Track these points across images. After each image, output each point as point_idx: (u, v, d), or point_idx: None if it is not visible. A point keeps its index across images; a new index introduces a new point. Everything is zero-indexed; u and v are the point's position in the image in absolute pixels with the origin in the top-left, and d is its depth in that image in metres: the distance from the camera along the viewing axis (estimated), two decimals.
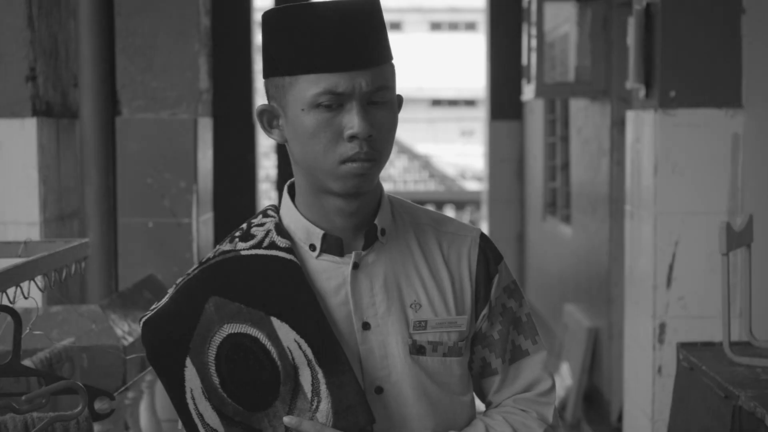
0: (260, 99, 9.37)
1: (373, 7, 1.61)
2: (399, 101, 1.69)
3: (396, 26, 31.02)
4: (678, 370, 2.75)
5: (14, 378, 2.35)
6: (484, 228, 9.17)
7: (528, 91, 6.64)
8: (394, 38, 1.79)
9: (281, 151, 8.80)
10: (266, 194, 12.72)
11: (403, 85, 1.73)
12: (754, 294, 2.97)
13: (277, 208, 1.73)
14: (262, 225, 1.70)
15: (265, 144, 12.10)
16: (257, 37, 8.15)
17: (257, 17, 8.31)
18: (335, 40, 1.56)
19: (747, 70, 3.56)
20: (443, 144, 26.48)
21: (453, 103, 30.68)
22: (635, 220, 3.83)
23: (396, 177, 19.92)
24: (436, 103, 30.65)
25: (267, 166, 13.46)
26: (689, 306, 3.57)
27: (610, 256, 5.66)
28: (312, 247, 1.67)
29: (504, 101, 8.97)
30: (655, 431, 3.57)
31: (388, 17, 1.74)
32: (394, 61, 1.67)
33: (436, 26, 32.76)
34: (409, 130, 23.78)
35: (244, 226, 1.72)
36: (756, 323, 3.02)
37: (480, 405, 1.79)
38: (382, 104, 1.61)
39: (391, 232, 1.70)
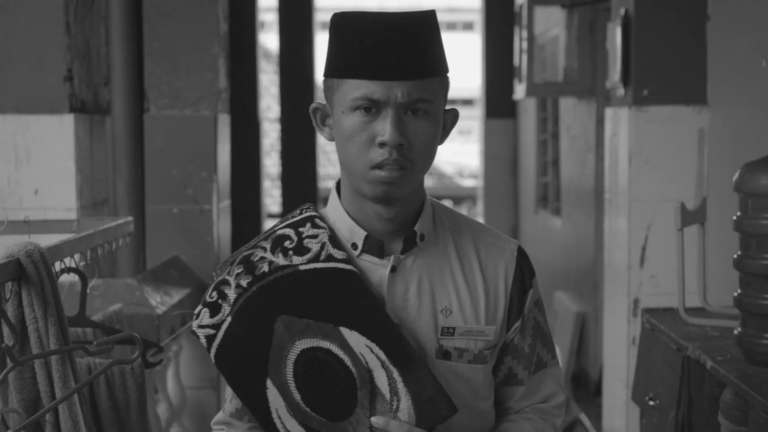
0: (264, 99, 9.60)
1: (425, 22, 1.63)
2: (453, 116, 1.71)
3: None
4: (642, 332, 3.12)
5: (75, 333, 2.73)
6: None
7: (519, 91, 6.81)
8: None
9: (284, 150, 9.10)
10: (268, 192, 12.90)
11: None
12: (714, 268, 3.34)
13: (317, 211, 1.72)
14: (315, 237, 1.68)
15: (266, 143, 12.38)
16: (262, 40, 8.43)
17: (261, 19, 8.58)
18: (378, 50, 1.58)
19: (711, 71, 3.78)
20: None
21: (451, 102, 30.84)
22: (613, 207, 4.09)
23: None
24: None
25: (267, 164, 13.62)
26: (660, 283, 3.79)
27: (595, 246, 5.86)
28: (354, 246, 1.68)
29: (498, 100, 9.03)
30: (630, 396, 3.91)
31: None
32: (447, 75, 1.68)
33: None
34: None
35: (292, 234, 1.69)
36: (714, 294, 3.40)
37: None
38: (422, 115, 1.61)
39: (431, 238, 1.71)
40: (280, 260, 1.67)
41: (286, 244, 1.68)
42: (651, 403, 2.89)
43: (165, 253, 4.03)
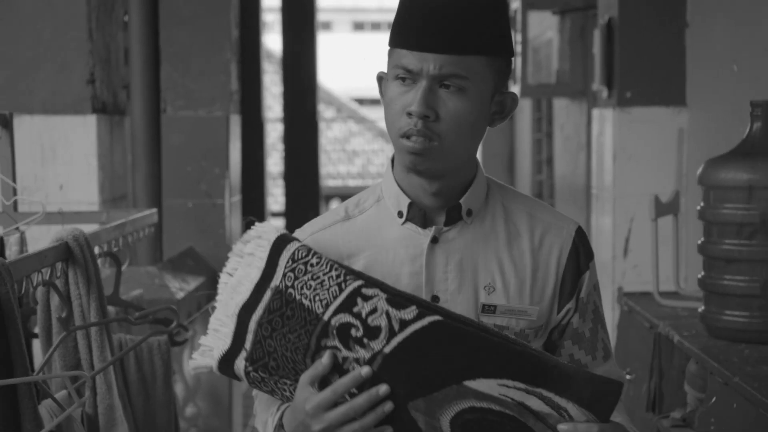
0: (268, 100, 9.78)
1: (482, 1, 1.59)
2: (512, 99, 1.66)
3: None
4: (621, 314, 3.40)
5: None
6: None
7: (514, 92, 7.10)
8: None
9: (287, 149, 9.31)
10: (269, 190, 13.02)
11: None
12: (690, 255, 3.59)
13: (348, 274, 1.58)
14: (375, 311, 1.53)
15: (267, 142, 12.51)
16: (264, 42, 8.63)
17: (264, 21, 8.77)
18: (421, 22, 1.57)
19: (690, 75, 4.01)
20: None
21: None
22: (599, 202, 4.32)
23: None
24: None
25: (268, 163, 13.67)
26: (642, 273, 3.99)
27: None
28: (400, 214, 1.66)
29: None
30: None
31: (385, 18, 1.88)
32: (505, 57, 1.63)
33: None
34: None
35: (352, 319, 1.52)
36: (690, 279, 3.66)
37: None
38: (455, 91, 1.58)
39: (480, 214, 1.67)
40: (361, 354, 1.52)
41: (353, 333, 1.53)
42: (628, 377, 3.18)
43: (180, 244, 4.29)
